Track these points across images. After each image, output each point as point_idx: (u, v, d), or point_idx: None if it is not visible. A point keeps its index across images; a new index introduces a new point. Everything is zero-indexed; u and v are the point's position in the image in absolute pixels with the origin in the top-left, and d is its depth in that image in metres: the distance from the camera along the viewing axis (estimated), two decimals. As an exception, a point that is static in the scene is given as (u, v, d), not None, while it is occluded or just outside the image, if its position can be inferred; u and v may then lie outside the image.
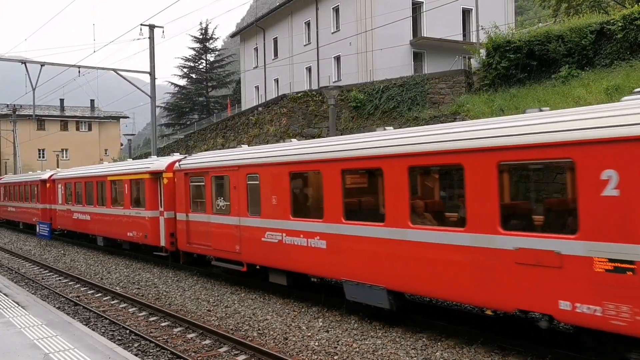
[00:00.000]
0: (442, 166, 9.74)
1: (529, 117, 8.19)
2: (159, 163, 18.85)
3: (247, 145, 18.72)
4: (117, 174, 21.50)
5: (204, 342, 10.27)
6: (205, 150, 33.09)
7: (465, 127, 8.96)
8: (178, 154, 21.14)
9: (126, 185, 20.46)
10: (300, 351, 9.37)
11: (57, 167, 43.46)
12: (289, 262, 12.37)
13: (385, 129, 11.37)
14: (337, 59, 39.86)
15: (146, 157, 26.50)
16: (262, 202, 13.10)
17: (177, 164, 17.27)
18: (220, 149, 31.64)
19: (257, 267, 13.89)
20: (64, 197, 26.94)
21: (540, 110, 8.45)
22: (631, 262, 6.68)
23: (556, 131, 7.47)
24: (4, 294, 12.93)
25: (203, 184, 15.82)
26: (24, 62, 29.08)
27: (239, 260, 14.21)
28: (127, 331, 11.18)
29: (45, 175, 30.24)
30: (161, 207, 18.40)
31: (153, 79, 29.78)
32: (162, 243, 18.26)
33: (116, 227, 21.31)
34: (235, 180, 14.18)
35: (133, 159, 35.26)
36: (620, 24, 19.17)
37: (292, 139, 16.01)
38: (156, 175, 18.65)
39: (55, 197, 28.31)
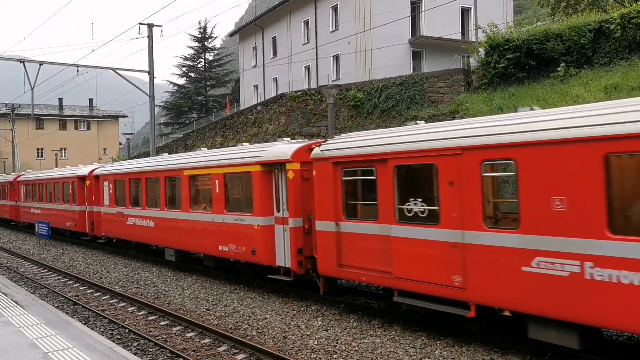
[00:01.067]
0: None
1: None
2: (277, 150, 13.39)
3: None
4: (201, 166, 16.08)
5: (203, 341, 10.27)
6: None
7: None
8: (287, 140, 15.16)
9: (217, 181, 15.12)
10: (299, 350, 9.38)
11: (56, 166, 43.42)
12: (598, 314, 7.21)
13: None
14: (336, 58, 39.85)
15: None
16: (523, 207, 8.04)
17: (316, 150, 11.93)
18: (219, 148, 31.38)
19: (506, 313, 8.48)
20: (113, 197, 21.78)
21: None
22: None
23: None
24: (3, 293, 12.92)
25: (374, 177, 10.54)
26: (22, 61, 29.04)
27: (461, 299, 8.95)
28: (126, 330, 11.17)
29: (85, 171, 24.93)
30: (280, 211, 13.14)
31: (152, 78, 29.76)
32: (284, 263, 12.91)
33: (199, 237, 15.94)
34: (453, 171, 9.00)
35: (131, 158, 35.18)
36: (618, 23, 19.19)
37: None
38: (272, 166, 13.39)
39: (99, 197, 23.13)
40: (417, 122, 10.27)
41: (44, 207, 30.19)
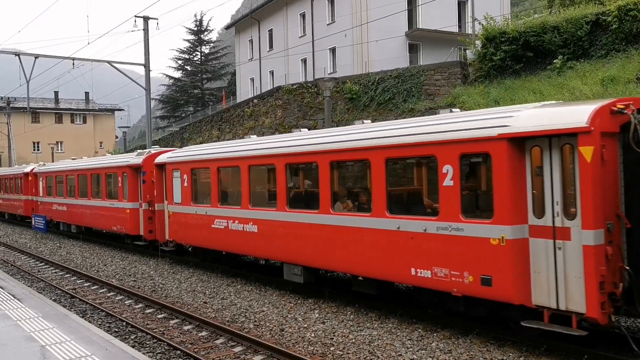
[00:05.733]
0: None
1: None
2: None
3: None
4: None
5: (200, 334, 10.29)
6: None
7: None
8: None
9: None
10: (296, 342, 9.40)
11: (52, 160, 43.23)
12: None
13: None
14: (333, 50, 39.73)
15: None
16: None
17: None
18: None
19: None
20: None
21: None
22: None
23: None
24: (0, 287, 12.91)
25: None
26: (17, 54, 28.85)
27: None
28: (124, 323, 11.19)
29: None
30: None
31: (148, 71, 29.62)
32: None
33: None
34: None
35: (128, 151, 34.99)
36: (615, 15, 19.17)
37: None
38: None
39: None
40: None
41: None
